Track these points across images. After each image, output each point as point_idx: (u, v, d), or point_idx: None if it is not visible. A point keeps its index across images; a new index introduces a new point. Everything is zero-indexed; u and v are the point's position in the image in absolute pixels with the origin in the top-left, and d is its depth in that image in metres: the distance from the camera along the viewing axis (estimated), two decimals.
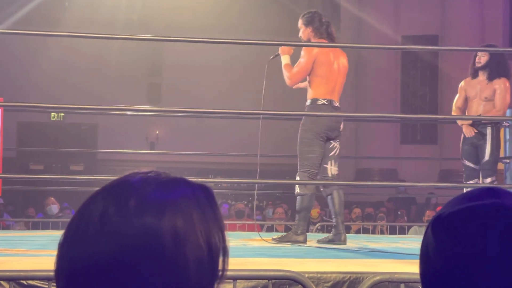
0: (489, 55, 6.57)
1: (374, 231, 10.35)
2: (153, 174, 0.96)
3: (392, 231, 9.77)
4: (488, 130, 6.45)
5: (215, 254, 0.93)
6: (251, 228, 9.52)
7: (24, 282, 2.92)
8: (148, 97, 17.64)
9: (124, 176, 0.96)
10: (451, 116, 6.92)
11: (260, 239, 5.72)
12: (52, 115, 17.25)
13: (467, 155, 6.58)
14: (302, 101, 5.72)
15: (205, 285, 0.92)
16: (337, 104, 5.53)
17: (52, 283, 2.61)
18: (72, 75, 16.94)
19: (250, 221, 10.35)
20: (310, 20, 5.65)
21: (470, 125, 6.51)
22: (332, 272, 3.21)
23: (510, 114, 6.51)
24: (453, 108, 6.85)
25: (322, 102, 5.44)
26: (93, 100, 11.18)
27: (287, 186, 10.40)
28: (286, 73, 5.56)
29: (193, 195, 0.95)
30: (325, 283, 3.15)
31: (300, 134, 5.49)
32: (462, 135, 6.67)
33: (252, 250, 4.95)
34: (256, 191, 6.49)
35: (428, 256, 0.94)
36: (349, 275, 3.19)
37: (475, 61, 6.64)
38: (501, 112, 6.46)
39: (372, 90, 16.57)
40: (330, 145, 5.51)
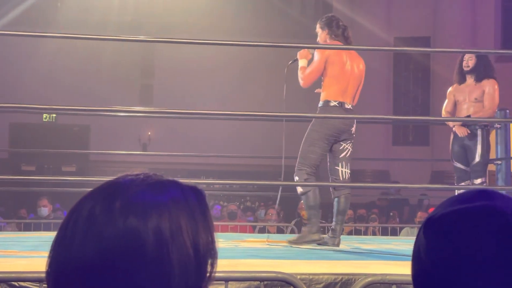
0: (476, 58, 6.59)
1: (366, 233, 10.37)
2: (143, 176, 0.97)
3: (384, 233, 9.78)
4: (479, 132, 6.47)
5: (203, 256, 0.94)
6: (243, 230, 9.52)
7: (16, 284, 2.91)
8: (141, 98, 17.62)
9: (115, 178, 0.97)
10: (443, 118, 6.93)
11: (255, 240, 5.71)
12: (44, 116, 17.22)
13: (457, 157, 6.60)
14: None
15: (191, 286, 0.92)
16: (349, 107, 5.49)
17: (44, 284, 2.60)
18: (64, 76, 16.90)
19: (243, 222, 10.35)
20: (327, 23, 5.65)
21: (462, 126, 6.53)
22: (324, 274, 3.21)
23: (502, 116, 6.52)
24: (443, 113, 6.87)
25: (334, 104, 5.41)
26: (85, 101, 11.17)
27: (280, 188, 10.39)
28: (300, 75, 5.54)
29: (183, 197, 0.95)
30: (317, 285, 3.15)
31: (307, 133, 5.46)
32: (452, 137, 6.69)
33: (244, 252, 4.94)
34: (250, 193, 6.47)
35: (420, 258, 0.95)
36: (341, 277, 3.19)
37: (463, 65, 6.66)
38: (491, 112, 6.48)
39: (364, 91, 16.55)
40: (341, 147, 5.47)
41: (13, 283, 2.91)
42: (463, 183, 6.50)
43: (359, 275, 3.09)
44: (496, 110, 6.54)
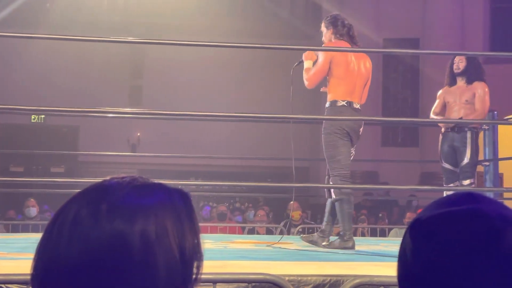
0: (467, 60, 6.61)
1: (355, 234, 10.37)
2: (129, 179, 0.97)
3: (373, 234, 9.80)
4: (468, 134, 6.48)
5: (189, 258, 0.94)
6: (233, 230, 9.52)
7: (3, 286, 2.90)
8: (130, 99, 17.60)
9: (101, 181, 0.97)
10: (432, 119, 6.95)
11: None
12: (33, 117, 17.17)
13: (446, 158, 6.61)
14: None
15: None
16: (358, 107, 5.45)
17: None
18: (53, 77, 16.86)
19: (232, 223, 10.35)
20: (332, 22, 5.62)
21: (453, 127, 6.55)
22: (312, 275, 3.21)
23: (490, 118, 6.54)
24: (431, 116, 6.87)
25: (342, 104, 5.37)
26: (75, 102, 11.14)
27: (269, 189, 10.42)
28: (305, 76, 5.49)
29: (169, 200, 0.95)
30: (305, 286, 3.15)
31: (324, 139, 5.38)
32: (440, 138, 6.70)
33: (233, 253, 4.94)
34: (239, 194, 6.45)
35: (406, 259, 0.95)
36: (329, 278, 3.19)
37: (453, 68, 6.68)
38: (481, 115, 6.50)
39: None
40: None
41: (1, 285, 2.89)
42: (452, 184, 6.51)
43: (348, 277, 3.09)
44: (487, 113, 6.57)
